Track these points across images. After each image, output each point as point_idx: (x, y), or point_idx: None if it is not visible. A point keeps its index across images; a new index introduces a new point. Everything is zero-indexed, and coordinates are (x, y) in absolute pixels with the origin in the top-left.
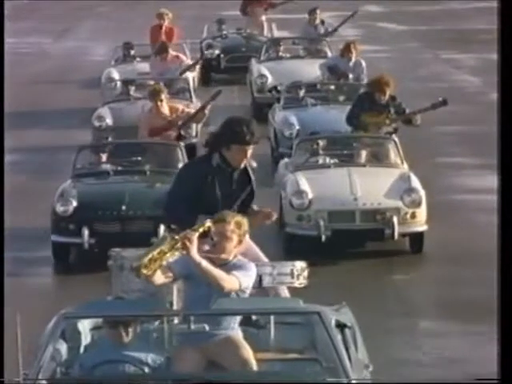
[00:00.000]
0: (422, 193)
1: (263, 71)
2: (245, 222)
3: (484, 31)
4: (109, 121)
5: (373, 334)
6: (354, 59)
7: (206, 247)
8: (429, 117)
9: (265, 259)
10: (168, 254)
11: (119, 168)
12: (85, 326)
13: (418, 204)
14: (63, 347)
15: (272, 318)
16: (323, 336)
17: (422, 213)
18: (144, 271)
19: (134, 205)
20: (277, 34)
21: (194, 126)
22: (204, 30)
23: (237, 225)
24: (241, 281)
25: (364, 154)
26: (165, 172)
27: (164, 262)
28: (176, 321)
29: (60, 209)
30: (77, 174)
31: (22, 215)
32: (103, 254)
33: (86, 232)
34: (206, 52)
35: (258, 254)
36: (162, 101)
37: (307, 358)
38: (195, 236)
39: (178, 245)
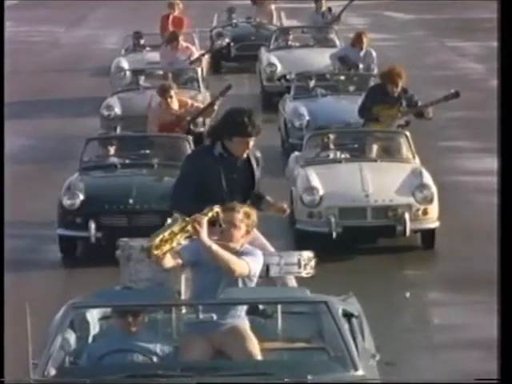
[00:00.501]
0: (434, 189)
1: (272, 60)
2: (254, 213)
3: (488, 20)
4: (117, 110)
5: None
6: (364, 49)
7: (215, 237)
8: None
9: (271, 249)
10: (178, 236)
11: (127, 161)
12: (93, 315)
13: (429, 200)
14: (72, 337)
15: (279, 307)
16: (330, 325)
17: (433, 209)
18: (155, 252)
19: (141, 198)
20: (286, 22)
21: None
22: (214, 18)
23: (245, 214)
24: (250, 266)
25: (375, 148)
26: (172, 165)
27: (174, 244)
28: (184, 310)
29: (67, 202)
30: (84, 167)
31: (28, 201)
32: (110, 248)
33: (92, 225)
34: (215, 43)
35: (264, 244)
36: (171, 97)
37: (314, 348)
38: (205, 220)
39: (189, 227)
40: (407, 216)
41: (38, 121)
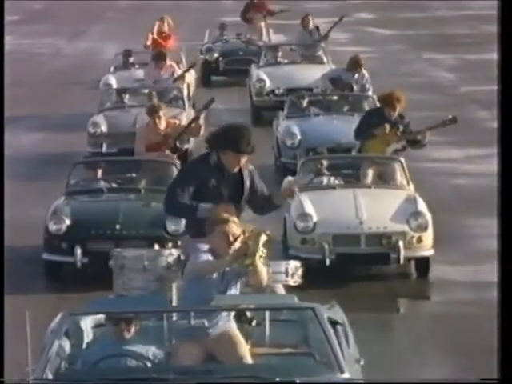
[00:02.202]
0: (429, 216)
1: (262, 76)
2: (239, 222)
3: (465, 35)
4: (104, 128)
5: None
6: (357, 75)
7: (206, 247)
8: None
9: None
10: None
11: (113, 185)
12: (87, 324)
13: (424, 228)
14: (67, 344)
15: (267, 314)
16: (317, 332)
17: (428, 237)
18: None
19: (128, 224)
20: (273, 37)
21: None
22: (206, 34)
23: (237, 224)
24: None
25: (370, 174)
26: (160, 190)
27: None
28: (175, 318)
29: (53, 227)
30: (70, 190)
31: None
32: (97, 273)
33: (78, 251)
34: (196, 58)
35: None
36: (159, 118)
37: (301, 353)
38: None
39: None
40: (401, 244)
41: (34, 134)
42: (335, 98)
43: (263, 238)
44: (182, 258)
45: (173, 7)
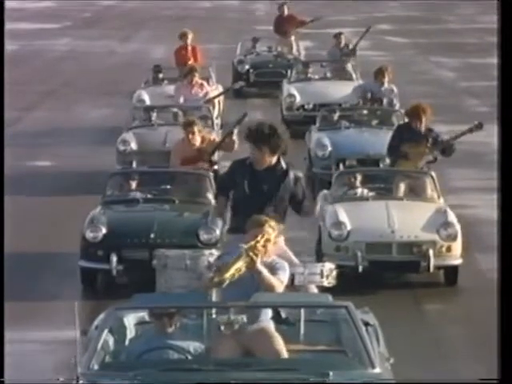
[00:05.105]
0: (458, 227)
1: (292, 91)
2: (276, 225)
3: (471, 44)
4: (133, 145)
5: None
6: (386, 84)
7: (241, 245)
8: (407, 93)
9: (297, 262)
10: (243, 269)
11: (148, 196)
12: (130, 321)
13: (453, 238)
14: (111, 339)
15: (302, 313)
16: (350, 331)
17: (457, 246)
18: (223, 283)
19: (162, 233)
20: (302, 48)
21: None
22: (238, 47)
23: (272, 228)
24: (284, 283)
25: (402, 187)
26: (193, 201)
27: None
28: (214, 315)
29: (90, 235)
30: (107, 200)
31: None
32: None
33: (114, 259)
34: (233, 84)
35: (291, 258)
36: (193, 133)
37: (334, 350)
38: (260, 248)
39: (246, 258)
40: (431, 252)
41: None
42: (365, 112)
43: (238, 264)
44: None
45: (209, 17)
